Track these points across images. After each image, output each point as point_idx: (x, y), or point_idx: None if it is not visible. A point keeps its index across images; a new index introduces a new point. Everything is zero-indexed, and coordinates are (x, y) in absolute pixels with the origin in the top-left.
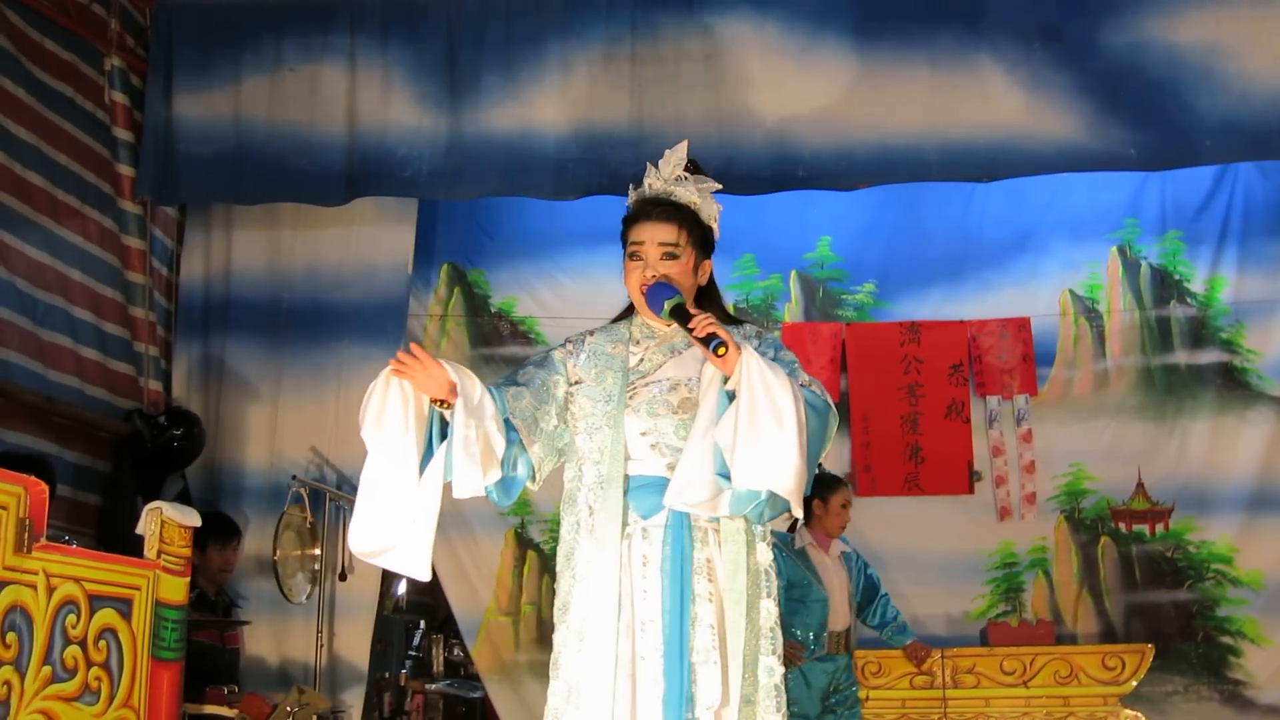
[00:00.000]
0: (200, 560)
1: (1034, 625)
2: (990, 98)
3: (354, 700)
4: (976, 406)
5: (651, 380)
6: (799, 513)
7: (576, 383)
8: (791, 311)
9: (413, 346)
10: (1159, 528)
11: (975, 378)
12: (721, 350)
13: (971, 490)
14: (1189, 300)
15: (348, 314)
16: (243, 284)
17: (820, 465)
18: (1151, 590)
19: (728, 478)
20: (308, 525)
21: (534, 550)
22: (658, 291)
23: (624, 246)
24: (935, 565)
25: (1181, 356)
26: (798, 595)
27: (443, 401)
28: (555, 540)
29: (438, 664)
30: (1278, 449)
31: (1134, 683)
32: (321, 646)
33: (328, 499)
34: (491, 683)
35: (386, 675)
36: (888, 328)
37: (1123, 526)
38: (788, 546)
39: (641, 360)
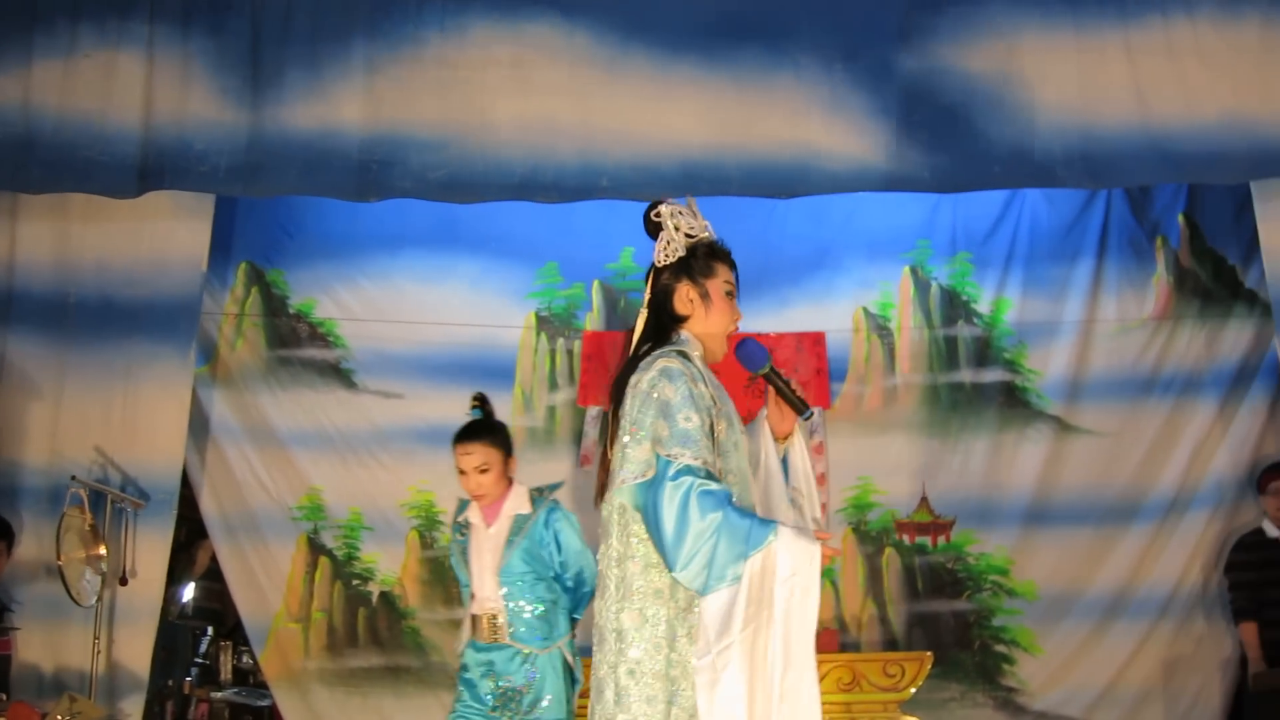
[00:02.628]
0: None
1: (819, 633)
2: (791, 116)
3: (133, 709)
4: None
5: (731, 411)
6: None
7: (715, 405)
8: (593, 320)
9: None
10: (940, 540)
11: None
12: (808, 419)
13: None
14: (975, 321)
15: (138, 311)
16: (27, 276)
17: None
18: (932, 600)
19: None
20: (89, 527)
21: (326, 556)
22: (755, 352)
23: (699, 273)
24: None
25: (967, 375)
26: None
27: None
28: (349, 547)
29: (225, 672)
30: (1053, 465)
31: (913, 690)
32: (99, 653)
33: (110, 501)
34: (280, 690)
35: (169, 683)
36: None
37: (906, 538)
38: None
39: (717, 388)
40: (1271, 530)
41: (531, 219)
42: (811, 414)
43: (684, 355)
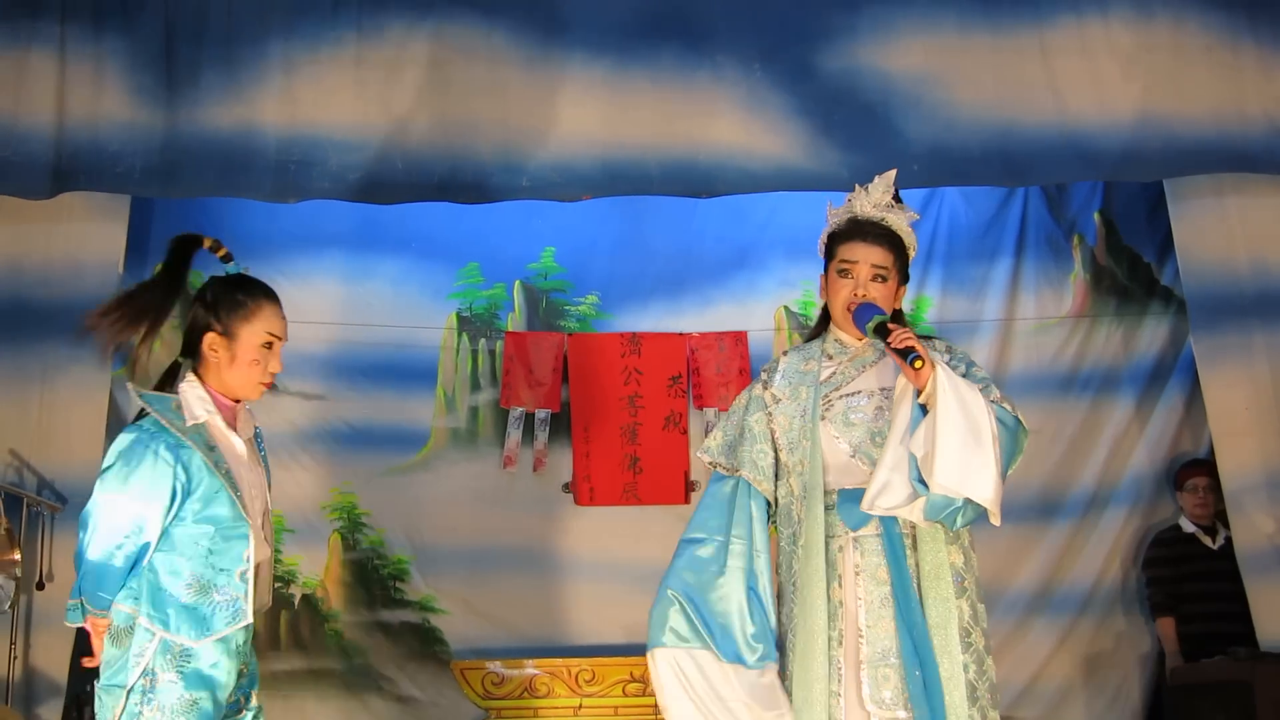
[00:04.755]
0: None
1: None
2: (711, 116)
3: (51, 714)
4: (694, 418)
5: (845, 392)
6: (998, 521)
7: (776, 401)
8: (515, 321)
9: None
10: None
11: (693, 390)
12: (918, 364)
13: (687, 500)
14: None
15: (53, 313)
16: None
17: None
18: None
19: (924, 484)
20: (4, 531)
21: None
22: (864, 311)
23: (827, 260)
24: (651, 574)
25: None
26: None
27: None
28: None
29: None
30: None
31: None
32: (16, 659)
33: (26, 505)
34: None
35: (88, 688)
36: (609, 339)
37: None
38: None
39: (833, 374)
40: (1188, 526)
41: (452, 219)
42: (915, 356)
43: (803, 344)
